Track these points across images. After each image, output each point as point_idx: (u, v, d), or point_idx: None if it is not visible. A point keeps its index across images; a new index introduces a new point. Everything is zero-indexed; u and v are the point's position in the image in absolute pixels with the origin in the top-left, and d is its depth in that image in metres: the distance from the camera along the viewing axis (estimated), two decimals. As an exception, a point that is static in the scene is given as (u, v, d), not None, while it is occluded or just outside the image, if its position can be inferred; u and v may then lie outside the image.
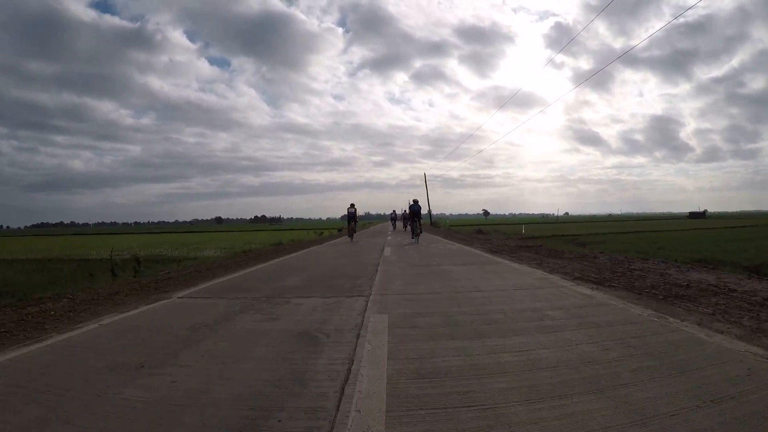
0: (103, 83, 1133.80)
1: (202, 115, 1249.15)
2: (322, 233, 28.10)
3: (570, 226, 45.48)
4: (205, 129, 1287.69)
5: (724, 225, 37.64)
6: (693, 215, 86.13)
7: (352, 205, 17.58)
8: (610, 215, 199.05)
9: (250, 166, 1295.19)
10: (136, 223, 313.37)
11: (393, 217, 33.03)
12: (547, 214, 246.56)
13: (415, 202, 16.64)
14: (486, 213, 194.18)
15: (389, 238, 19.62)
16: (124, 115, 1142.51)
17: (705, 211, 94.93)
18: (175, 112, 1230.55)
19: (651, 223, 55.60)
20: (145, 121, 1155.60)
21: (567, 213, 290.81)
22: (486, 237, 18.91)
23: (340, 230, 29.96)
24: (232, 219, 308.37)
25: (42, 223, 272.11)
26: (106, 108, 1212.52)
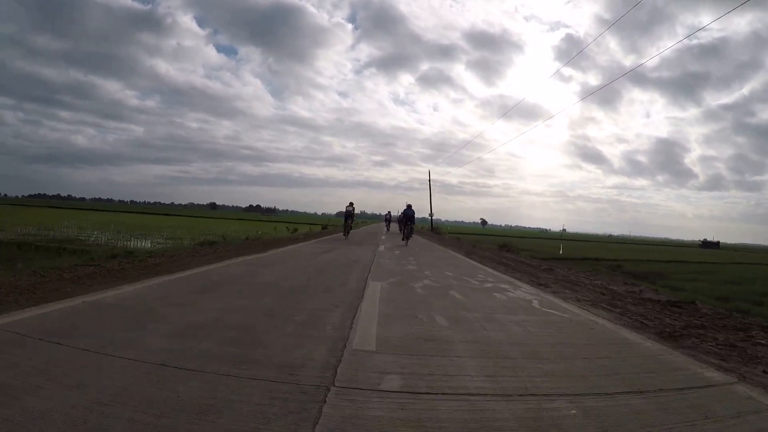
0: (111, 63, 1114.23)
1: (206, 101, 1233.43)
2: (296, 230, 24.42)
3: (583, 245, 41.43)
4: (209, 116, 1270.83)
5: (757, 259, 33.72)
6: (706, 245, 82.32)
7: (351, 204, 17.82)
8: (610, 236, 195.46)
9: (250, 156, 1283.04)
10: (132, 201, 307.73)
11: (387, 218, 32.22)
12: (545, 229, 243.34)
13: (409, 206, 16.91)
14: (484, 222, 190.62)
15: (381, 248, 13.24)
16: (129, 96, 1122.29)
17: (718, 243, 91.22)
18: (180, 96, 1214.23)
19: (668, 250, 51.65)
20: (150, 103, 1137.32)
21: (565, 230, 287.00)
22: (521, 260, 14.81)
23: (324, 228, 27.20)
24: (228, 206, 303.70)
25: (39, 194, 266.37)
26: (112, 87, 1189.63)
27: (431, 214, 45.78)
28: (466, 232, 58.88)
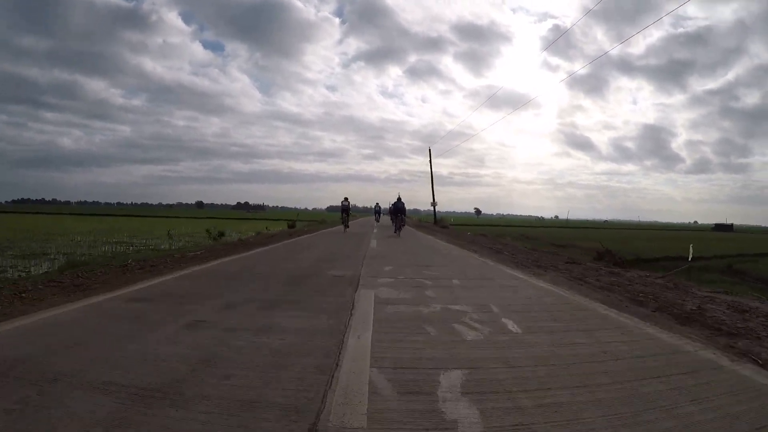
0: (96, 62, 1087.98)
1: (194, 98, 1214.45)
2: (267, 228, 19.66)
3: (597, 233, 37.29)
4: (197, 113, 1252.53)
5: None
6: (719, 228, 79.19)
7: (346, 199, 19.72)
8: (606, 222, 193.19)
9: (240, 153, 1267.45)
10: (118, 203, 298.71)
11: (377, 210, 32.57)
12: (541, 217, 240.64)
13: (399, 199, 17.83)
14: (478, 212, 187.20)
15: (374, 244, 11.67)
16: (115, 95, 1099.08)
17: (732, 225, 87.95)
18: (167, 94, 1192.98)
19: (688, 236, 47.89)
20: (137, 102, 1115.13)
21: (557, 216, 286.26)
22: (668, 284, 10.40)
23: (291, 225, 23.54)
24: (217, 204, 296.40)
25: (22, 199, 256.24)
26: (97, 86, 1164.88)
27: (434, 204, 37.74)
28: (466, 223, 54.65)
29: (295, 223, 25.19)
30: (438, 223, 36.53)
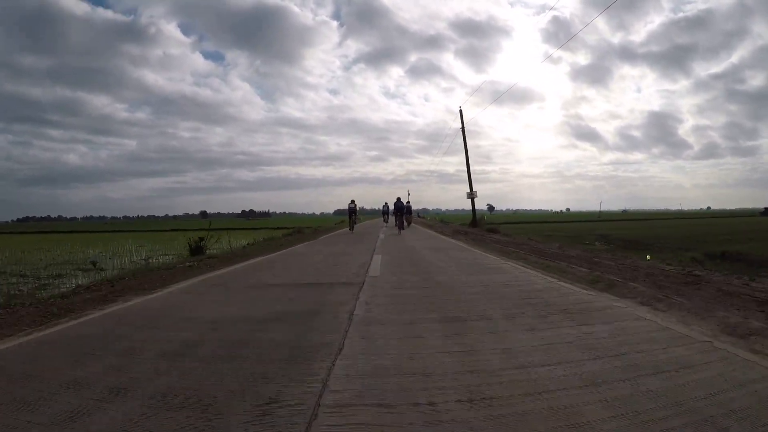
0: (97, 77, 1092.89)
1: (197, 109, 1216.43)
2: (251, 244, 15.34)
3: (635, 224, 32.55)
4: (201, 123, 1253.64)
5: None
6: None
7: (353, 201, 20.86)
8: (625, 211, 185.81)
9: (246, 161, 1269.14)
10: (125, 217, 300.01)
11: (385, 210, 30.37)
12: (561, 211, 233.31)
13: (399, 199, 20.50)
14: (491, 208, 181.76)
15: (376, 261, 8.64)
16: (118, 109, 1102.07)
17: None
18: (170, 106, 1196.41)
19: (729, 222, 42.80)
20: (140, 115, 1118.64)
21: (568, 209, 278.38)
22: None
23: (294, 232, 21.71)
24: (224, 213, 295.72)
25: (26, 217, 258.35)
26: (100, 102, 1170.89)
27: (472, 194, 24.81)
28: (500, 220, 49.92)
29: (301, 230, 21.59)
30: (481, 224, 24.30)
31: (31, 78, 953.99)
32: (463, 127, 25.61)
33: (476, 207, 26.27)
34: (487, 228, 21.66)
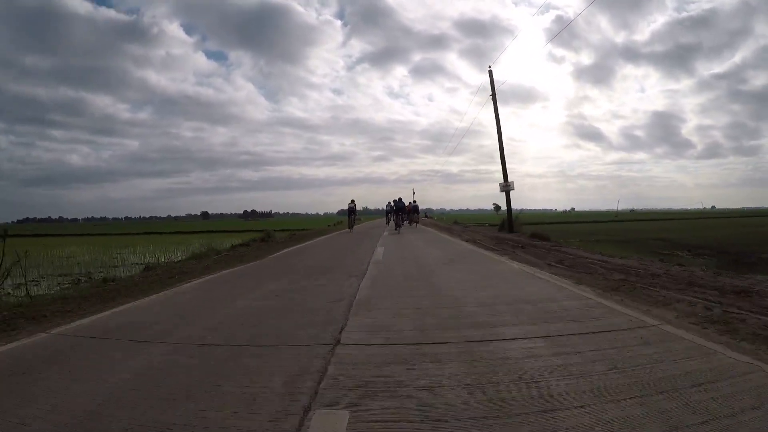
0: (100, 77, 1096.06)
1: (200, 109, 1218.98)
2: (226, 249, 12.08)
3: (661, 225, 29.38)
4: (204, 123, 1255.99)
5: None
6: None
7: (353, 201, 21.33)
8: (633, 211, 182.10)
9: (249, 161, 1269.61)
10: (126, 217, 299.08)
11: (388, 210, 29.68)
12: (566, 210, 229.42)
13: (400, 199, 22.48)
14: (497, 207, 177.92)
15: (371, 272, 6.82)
16: (121, 110, 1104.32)
17: None
18: (172, 106, 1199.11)
19: (758, 222, 39.53)
20: (143, 115, 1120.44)
21: (573, 209, 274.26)
22: None
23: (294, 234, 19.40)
24: (226, 214, 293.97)
25: (27, 218, 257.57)
26: (103, 102, 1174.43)
27: (507, 186, 18.17)
28: (534, 220, 46.86)
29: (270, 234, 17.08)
30: (516, 229, 17.35)
31: (34, 78, 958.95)
32: (493, 91, 19.12)
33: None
34: (530, 233, 15.29)
